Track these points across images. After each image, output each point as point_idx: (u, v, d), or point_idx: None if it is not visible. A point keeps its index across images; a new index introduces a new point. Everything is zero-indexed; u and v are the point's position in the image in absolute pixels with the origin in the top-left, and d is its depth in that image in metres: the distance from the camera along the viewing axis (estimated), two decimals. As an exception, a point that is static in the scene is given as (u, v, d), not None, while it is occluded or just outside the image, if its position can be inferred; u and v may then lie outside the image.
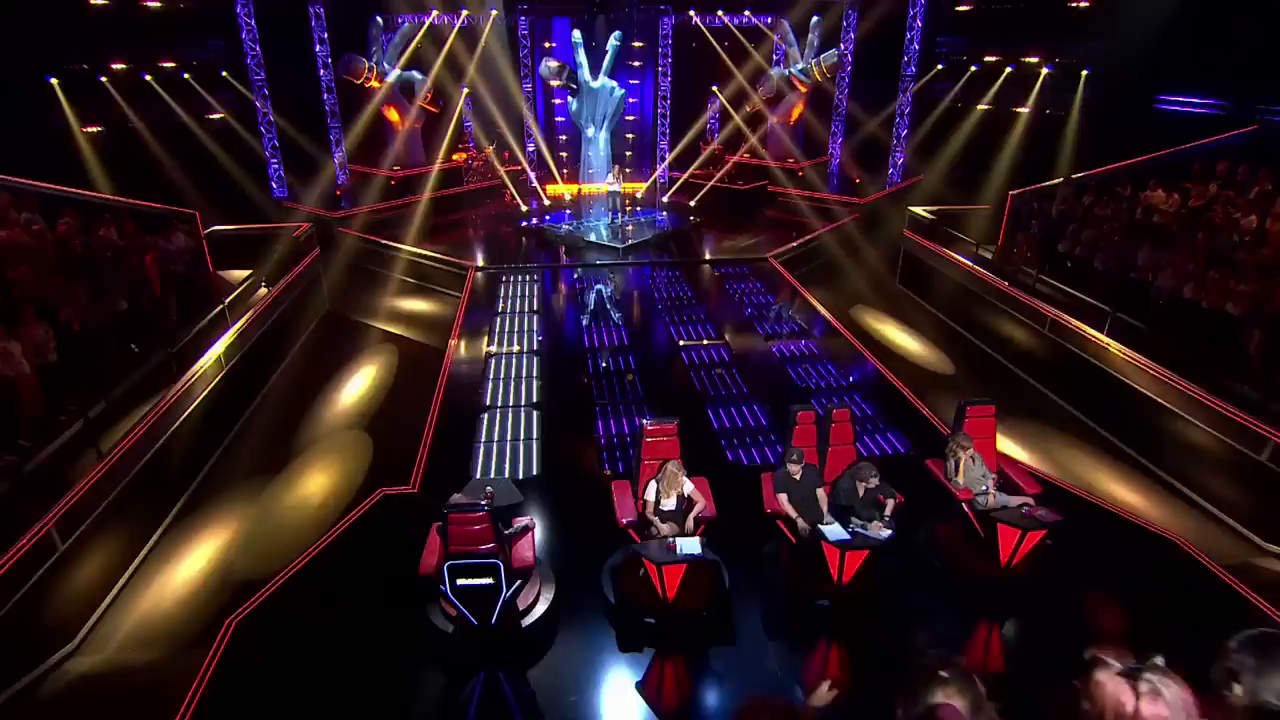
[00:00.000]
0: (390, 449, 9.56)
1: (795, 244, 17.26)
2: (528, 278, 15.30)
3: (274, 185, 19.09)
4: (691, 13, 20.99)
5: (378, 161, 19.44)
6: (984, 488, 6.72)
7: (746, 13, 20.96)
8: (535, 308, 13.73)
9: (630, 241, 16.92)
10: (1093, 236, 12.34)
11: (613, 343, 12.30)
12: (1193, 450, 9.02)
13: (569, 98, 20.25)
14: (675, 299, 14.33)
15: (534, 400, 10.27)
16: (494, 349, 11.94)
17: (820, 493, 6.56)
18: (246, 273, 12.28)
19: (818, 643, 6.21)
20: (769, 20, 21.03)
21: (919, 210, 15.87)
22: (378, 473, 9.01)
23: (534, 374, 11.07)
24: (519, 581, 5.78)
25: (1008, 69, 19.58)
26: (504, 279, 15.12)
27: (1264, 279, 9.39)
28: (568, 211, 19.70)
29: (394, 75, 18.94)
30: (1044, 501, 6.56)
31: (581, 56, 19.25)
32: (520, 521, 6.17)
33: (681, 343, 12.17)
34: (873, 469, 6.30)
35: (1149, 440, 9.64)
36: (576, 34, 19.19)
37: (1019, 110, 19.26)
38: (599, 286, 15.11)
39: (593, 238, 17.33)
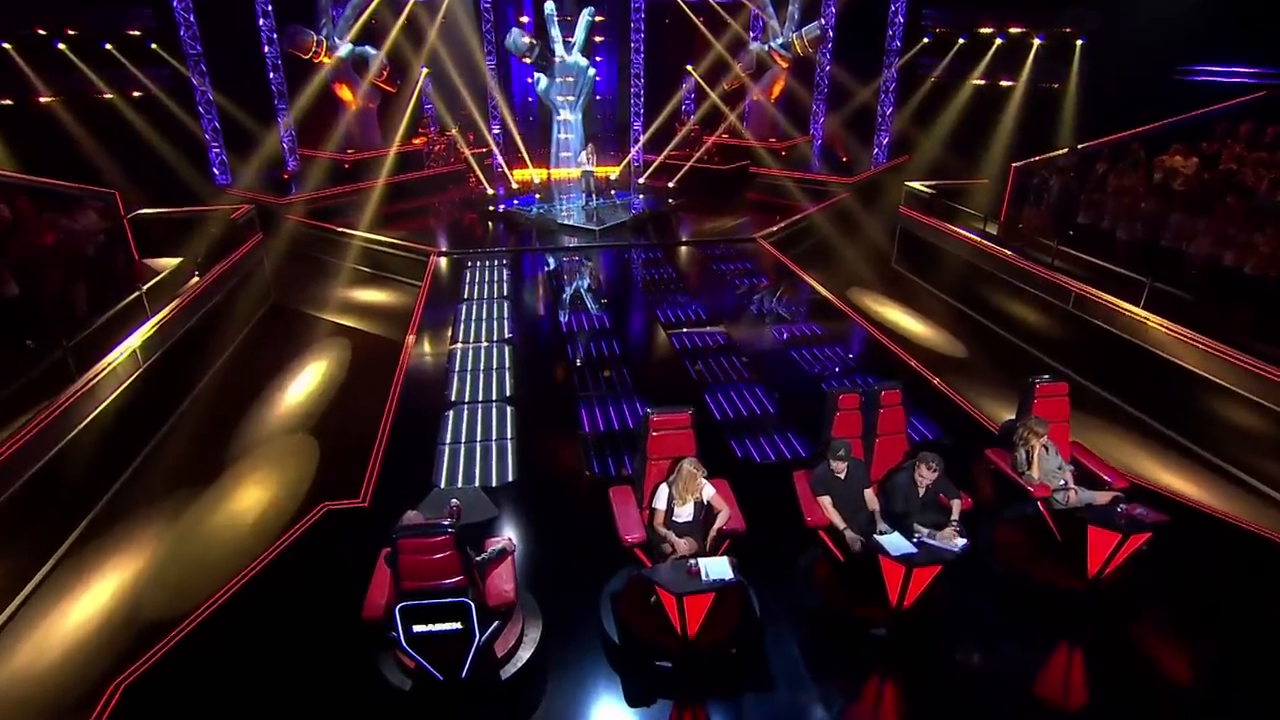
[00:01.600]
0: (339, 455, 8.16)
1: (783, 224, 16.10)
2: (496, 262, 13.89)
3: (215, 171, 17.41)
4: (667, -16, 19.75)
5: (329, 144, 17.85)
6: (1062, 482, 5.54)
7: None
8: (505, 294, 12.34)
9: (606, 224, 15.60)
10: (1116, 205, 11.35)
11: (593, 327, 10.98)
12: (1255, 433, 8.00)
13: (536, 75, 18.81)
14: (659, 282, 13.08)
15: (506, 395, 8.90)
16: (459, 339, 10.53)
17: (868, 494, 5.31)
18: (177, 260, 10.74)
19: (870, 682, 4.97)
20: (743, -4, 19.88)
21: (916, 185, 14.81)
22: (323, 484, 7.60)
23: (505, 365, 9.69)
24: (496, 623, 4.44)
25: (998, 41, 18.73)
26: (469, 264, 13.72)
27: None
28: (537, 196, 18.31)
29: (345, 50, 17.36)
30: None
31: (555, 30, 17.89)
32: (495, 543, 4.84)
33: (673, 331, 10.87)
34: (938, 459, 5.07)
35: (1199, 423, 8.62)
36: (550, 5, 17.80)
37: (1011, 84, 18.40)
38: (576, 270, 13.79)
39: (566, 220, 15.98)
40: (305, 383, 10.31)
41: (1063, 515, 5.50)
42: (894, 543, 4.77)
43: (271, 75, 17.48)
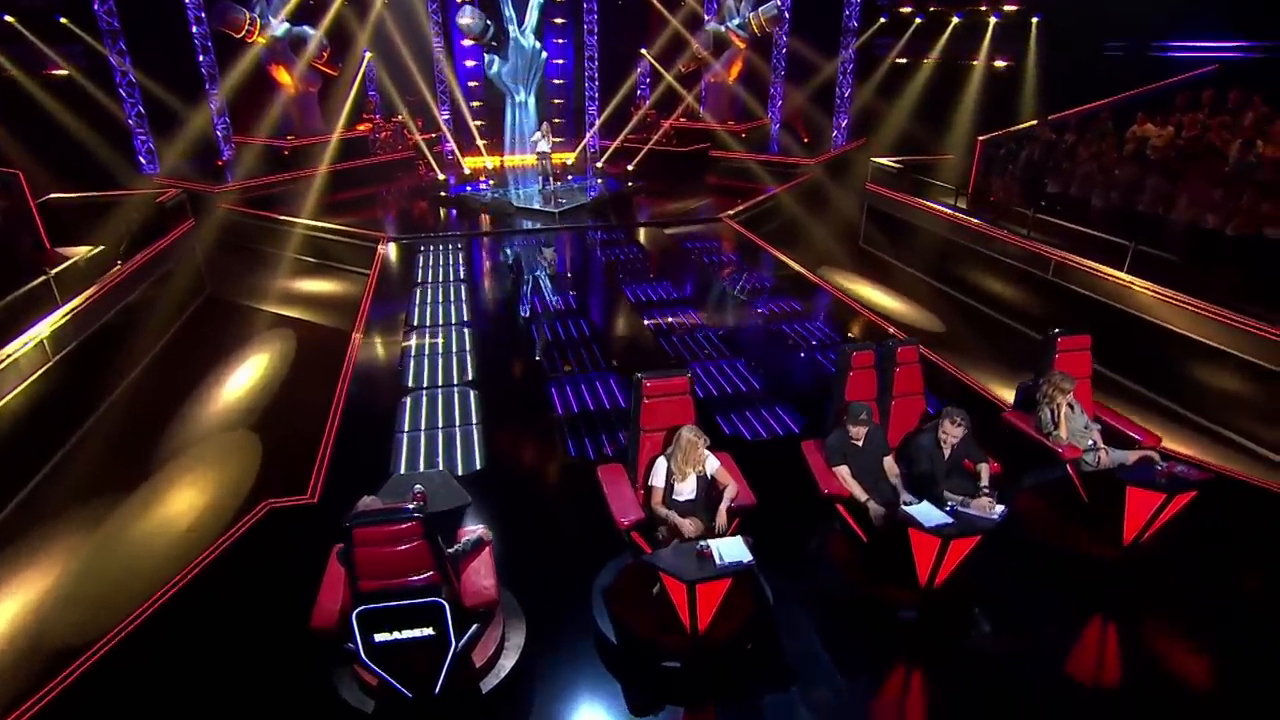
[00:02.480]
0: (284, 451, 7.33)
1: (748, 204, 15.62)
2: (450, 246, 13.08)
3: (142, 159, 16.13)
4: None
5: (266, 130, 16.74)
6: (1090, 442, 5.08)
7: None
8: (461, 277, 11.55)
9: (565, 206, 14.89)
10: (1089, 172, 11.16)
11: (558, 308, 10.29)
12: (1247, 395, 7.77)
13: (488, 58, 17.98)
14: (627, 262, 12.44)
15: (469, 379, 8.16)
16: (414, 323, 9.73)
17: (888, 462, 4.76)
18: (93, 247, 9.68)
19: (900, 671, 4.41)
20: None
21: (884, 161, 14.48)
22: (267, 483, 6.76)
23: (465, 349, 8.94)
24: (475, 626, 3.75)
25: (954, 19, 18.59)
26: (422, 248, 12.87)
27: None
28: (491, 181, 17.48)
29: (281, 29, 16.28)
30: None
31: (510, 10, 17.09)
32: (470, 533, 4.13)
33: (645, 310, 10.23)
34: (964, 414, 4.55)
35: (1189, 387, 8.38)
36: None
37: (970, 63, 18.28)
38: (537, 252, 13.08)
39: (522, 204, 15.22)
40: (245, 377, 9.41)
41: (1091, 478, 5.04)
42: (925, 513, 4.22)
43: (201, 57, 16.29)
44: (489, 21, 16.77)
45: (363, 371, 8.58)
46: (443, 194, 16.36)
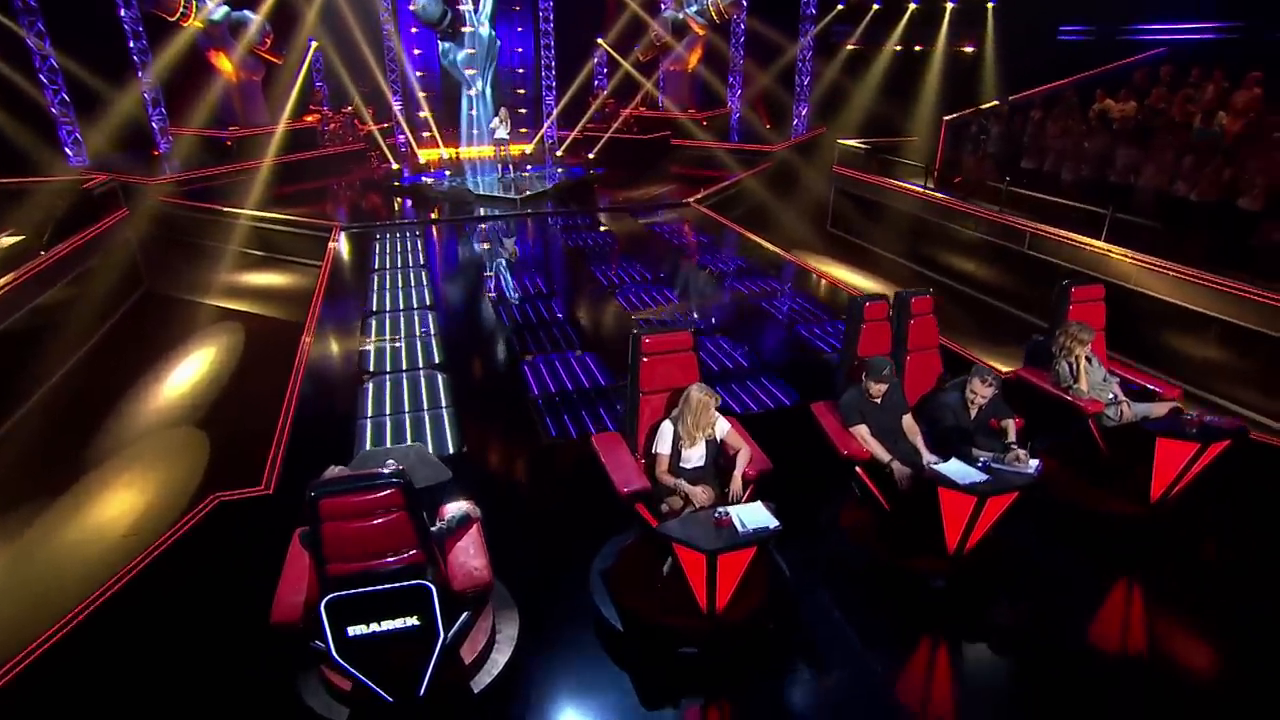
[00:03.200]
0: (235, 445, 6.71)
1: (713, 190, 15.29)
2: (408, 233, 12.45)
3: (68, 151, 15.04)
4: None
5: (207, 120, 15.84)
6: (1110, 395, 4.79)
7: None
8: (422, 262, 10.95)
9: (527, 193, 14.36)
10: (1060, 147, 11.12)
11: (527, 291, 9.78)
12: (1229, 356, 7.72)
13: (443, 46, 17.28)
14: (595, 246, 12.00)
15: (435, 361, 7.60)
16: (373, 309, 9.11)
17: (908, 420, 4.39)
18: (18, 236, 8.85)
19: (932, 645, 4.04)
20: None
21: (851, 142, 14.32)
22: (215, 477, 6.12)
23: (430, 332, 8.37)
24: (465, 615, 3.24)
25: (911, 6, 18.61)
26: (377, 236, 12.20)
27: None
28: (447, 171, 16.83)
29: (220, 13, 15.36)
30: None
31: None
32: (454, 509, 3.62)
33: (618, 290, 9.78)
34: (994, 375, 4.20)
35: (1171, 353, 8.30)
36: None
37: (930, 49, 18.30)
38: (500, 236, 12.54)
39: (482, 192, 14.64)
40: (189, 372, 8.71)
41: (1113, 434, 4.76)
42: (957, 470, 3.85)
43: (132, 43, 15.28)
44: (447, 7, 16.12)
45: (318, 359, 7.94)
46: (396, 184, 15.66)
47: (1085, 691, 3.69)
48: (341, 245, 12.04)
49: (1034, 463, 3.93)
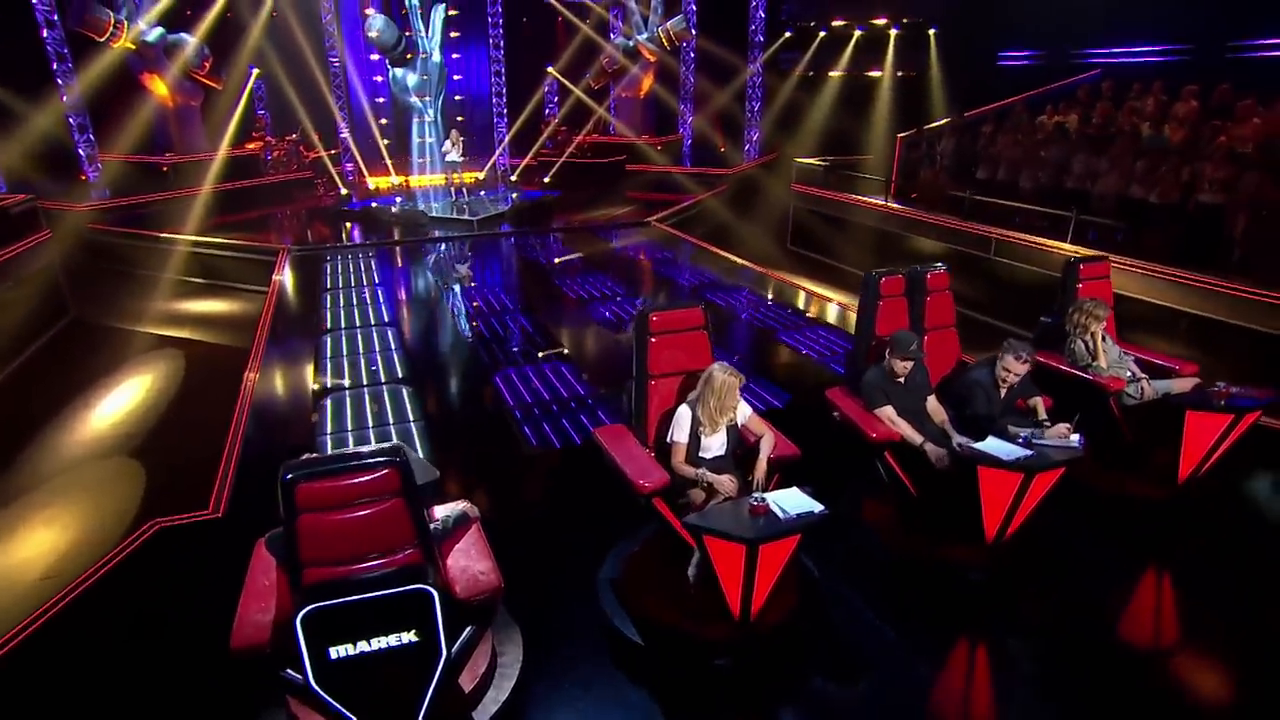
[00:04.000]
0: (177, 473, 6.04)
1: (673, 210, 15.15)
2: (361, 255, 11.89)
3: (-14, 177, 14.02)
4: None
5: (141, 145, 15.02)
6: (1129, 373, 4.59)
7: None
8: (378, 281, 10.41)
9: (482, 215, 13.95)
10: (1014, 156, 11.33)
11: (493, 307, 9.32)
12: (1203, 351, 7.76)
13: (393, 72, 16.85)
14: (558, 263, 11.68)
15: (399, 376, 7.05)
16: (327, 327, 8.51)
17: (932, 402, 4.08)
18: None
19: (972, 643, 3.68)
20: (600, -5, 19.16)
21: (810, 161, 14.40)
22: (154, 505, 5.44)
23: (391, 348, 7.83)
24: (469, 629, 2.74)
25: (857, 33, 19.04)
26: (329, 258, 11.59)
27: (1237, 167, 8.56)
28: (397, 198, 16.30)
29: (154, 34, 14.64)
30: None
31: (420, 23, 16.14)
32: (448, 510, 3.14)
33: (594, 313, 9.40)
34: (1029, 349, 3.94)
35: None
36: None
37: (876, 74, 18.70)
38: (460, 256, 12.09)
39: (437, 214, 14.17)
40: (122, 400, 8.01)
41: (1133, 413, 4.55)
42: (998, 448, 3.55)
43: (55, 65, 14.44)
44: (402, 34, 15.77)
45: (269, 379, 7.31)
46: (344, 208, 15.07)
47: (1141, 690, 3.37)
48: (288, 270, 11.38)
49: (1075, 436, 3.66)
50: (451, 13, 18.78)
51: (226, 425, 6.36)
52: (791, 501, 3.05)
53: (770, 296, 10.14)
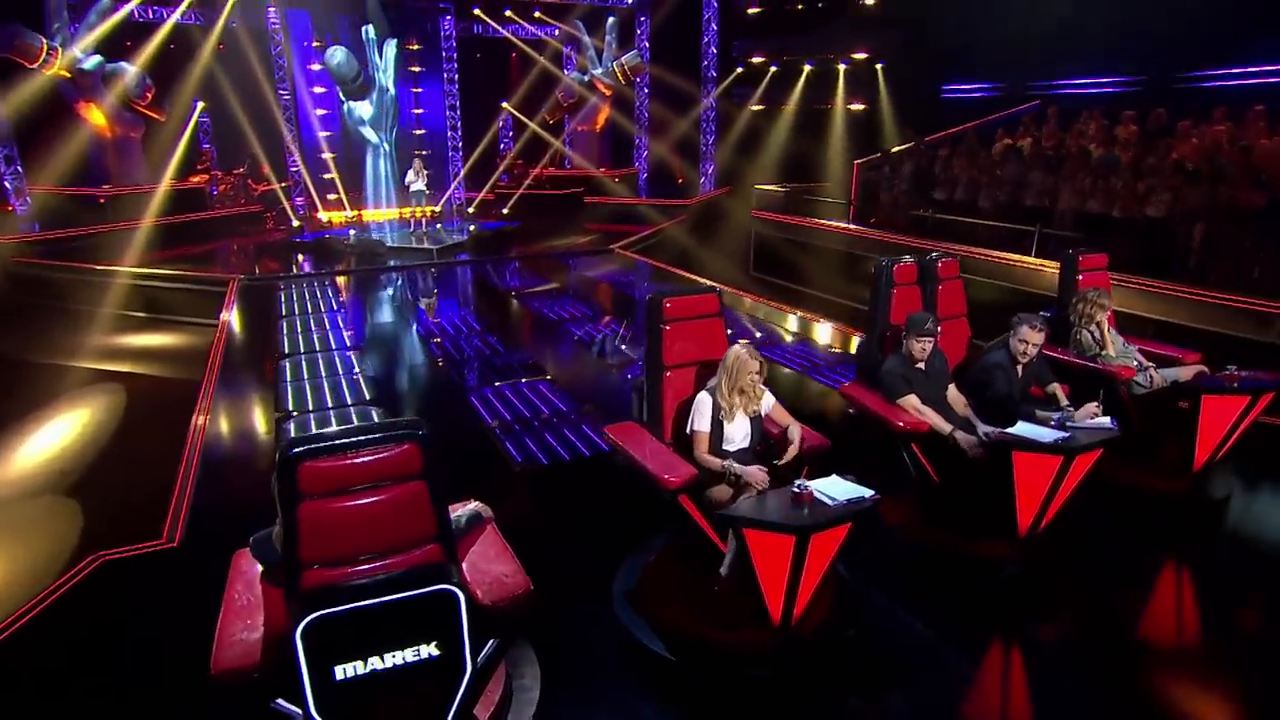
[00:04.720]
0: (119, 507, 5.49)
1: (637, 238, 15.08)
2: (316, 284, 11.41)
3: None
4: (478, 11, 18.65)
5: (75, 177, 14.29)
6: (1136, 362, 4.53)
7: (536, 17, 19.06)
8: (335, 306, 9.98)
9: (442, 244, 13.63)
10: (972, 176, 11.60)
11: (461, 329, 8.98)
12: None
13: (346, 105, 16.52)
14: (525, 289, 11.41)
15: (366, 398, 6.63)
16: (285, 353, 8.03)
17: (952, 391, 3.92)
18: None
19: (1006, 640, 3.45)
20: (554, 32, 19.29)
21: (769, 187, 14.53)
22: (95, 540, 4.88)
23: (355, 371, 7.40)
24: (492, 642, 2.39)
25: (807, 68, 19.53)
26: (282, 288, 11.07)
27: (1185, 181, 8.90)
28: (351, 230, 15.84)
29: (91, 62, 14.06)
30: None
31: (375, 56, 15.93)
32: (459, 511, 2.79)
33: (567, 334, 9.13)
34: (1044, 320, 3.82)
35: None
36: (370, 30, 15.79)
37: (828, 106, 19.15)
38: (420, 282, 11.75)
39: (395, 244, 13.78)
40: (53, 437, 7.34)
41: (1141, 402, 4.47)
42: (1031, 432, 3.38)
43: (-21, 94, 13.69)
44: (360, 66, 15.53)
45: (224, 407, 6.80)
46: (296, 239, 14.56)
47: (1182, 688, 3.19)
48: (236, 301, 10.81)
49: (1107, 419, 3.52)
50: (413, 46, 18.73)
51: (177, 458, 5.84)
52: (837, 488, 2.81)
53: (742, 316, 10.02)
